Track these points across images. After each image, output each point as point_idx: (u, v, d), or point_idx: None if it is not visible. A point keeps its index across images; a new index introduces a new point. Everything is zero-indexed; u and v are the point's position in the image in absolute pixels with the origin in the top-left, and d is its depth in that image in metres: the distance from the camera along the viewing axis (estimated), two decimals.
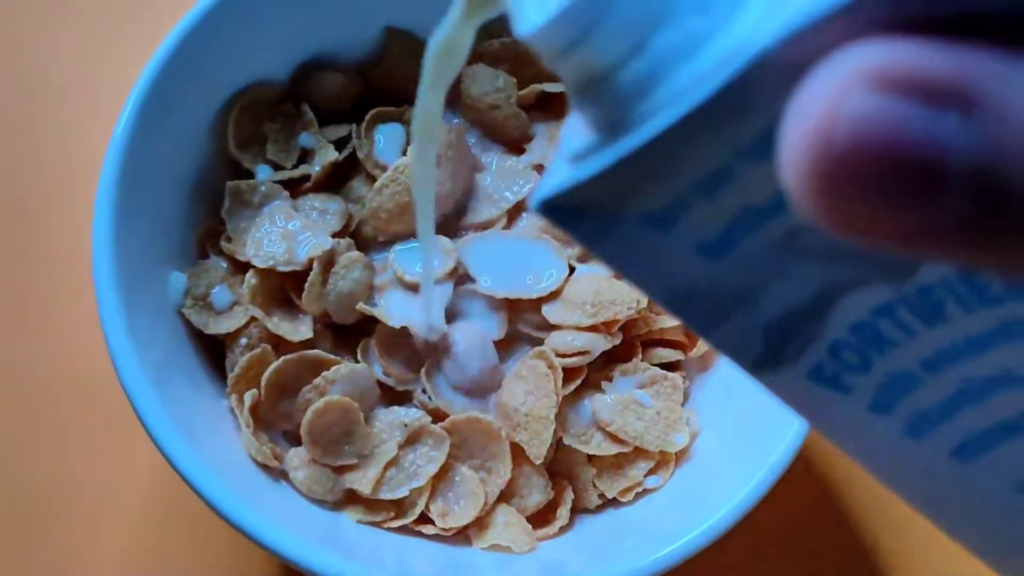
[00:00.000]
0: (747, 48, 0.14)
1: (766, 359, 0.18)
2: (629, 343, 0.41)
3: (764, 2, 0.14)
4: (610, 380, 0.40)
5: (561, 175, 0.17)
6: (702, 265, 0.17)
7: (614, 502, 0.39)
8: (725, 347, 0.19)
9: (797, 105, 0.13)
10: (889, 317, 0.17)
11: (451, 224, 0.42)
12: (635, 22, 0.16)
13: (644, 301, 0.40)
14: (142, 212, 0.37)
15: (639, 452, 0.39)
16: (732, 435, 0.39)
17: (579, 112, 0.17)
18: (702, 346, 0.41)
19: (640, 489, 0.39)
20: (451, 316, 0.40)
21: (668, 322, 0.41)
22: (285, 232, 0.39)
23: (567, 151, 0.17)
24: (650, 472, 0.39)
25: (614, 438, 0.39)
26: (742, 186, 0.16)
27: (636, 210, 0.17)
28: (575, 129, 0.17)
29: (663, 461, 0.39)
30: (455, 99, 0.43)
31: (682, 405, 0.40)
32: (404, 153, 0.41)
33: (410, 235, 0.41)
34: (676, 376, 0.41)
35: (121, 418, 0.43)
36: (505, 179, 0.42)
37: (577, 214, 0.17)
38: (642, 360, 0.41)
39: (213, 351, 0.40)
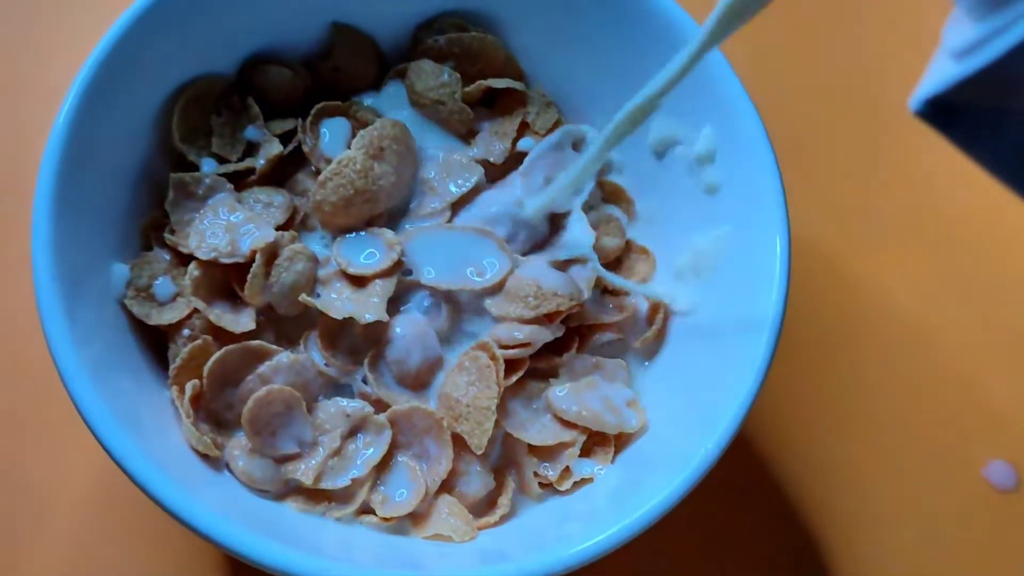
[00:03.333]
0: None
1: None
2: (568, 334, 0.41)
3: None
4: (554, 371, 0.41)
5: (947, 71, 0.16)
6: None
7: (556, 491, 0.40)
8: None
9: None
10: None
11: (395, 217, 0.42)
12: None
13: (586, 292, 0.41)
14: (84, 204, 0.37)
15: (583, 439, 0.40)
16: (673, 422, 0.40)
17: (964, 7, 0.16)
18: (641, 334, 0.42)
19: (579, 478, 0.39)
20: (393, 308, 0.40)
21: (609, 315, 0.42)
22: (228, 224, 0.39)
23: (950, 48, 0.16)
24: (588, 456, 0.40)
25: (566, 424, 0.39)
26: None
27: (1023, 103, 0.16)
28: (957, 26, 0.16)
29: (603, 448, 0.40)
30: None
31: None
32: (349, 147, 0.42)
33: (353, 228, 0.41)
34: (620, 360, 0.41)
35: (65, 410, 0.43)
36: (449, 172, 0.43)
37: (961, 113, 0.16)
38: (579, 350, 0.42)
39: (156, 343, 0.40)
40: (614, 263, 0.44)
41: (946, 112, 0.17)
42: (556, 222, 0.43)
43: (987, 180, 0.20)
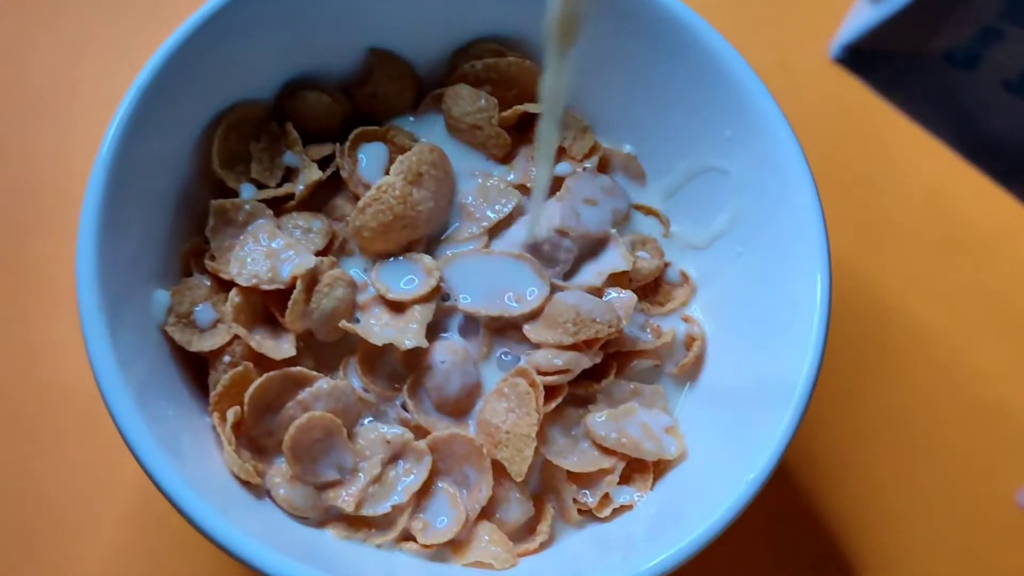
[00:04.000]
0: None
1: None
2: (606, 361, 0.41)
3: None
4: (592, 397, 0.41)
5: (865, 16, 0.16)
6: (1010, 105, 0.16)
7: (595, 518, 0.40)
8: None
9: None
10: None
11: (433, 242, 0.42)
12: None
13: (625, 319, 0.41)
14: (126, 230, 0.37)
15: (622, 466, 0.40)
16: (711, 449, 0.40)
17: None
18: (678, 360, 0.42)
19: (618, 505, 0.39)
20: (432, 334, 0.40)
21: (646, 341, 0.42)
22: (269, 251, 0.40)
23: None
24: (627, 483, 0.40)
25: (605, 451, 0.39)
26: None
27: (941, 46, 0.16)
28: None
29: (642, 475, 0.40)
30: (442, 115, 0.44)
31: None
32: (387, 172, 0.42)
33: (392, 253, 0.41)
34: (657, 386, 0.41)
35: (104, 435, 0.44)
36: (487, 198, 0.43)
37: (878, 58, 0.16)
38: (617, 376, 0.42)
39: (196, 369, 0.40)
40: (651, 287, 0.44)
41: (865, 58, 0.17)
42: (594, 248, 0.43)
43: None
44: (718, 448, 0.39)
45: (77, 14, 0.54)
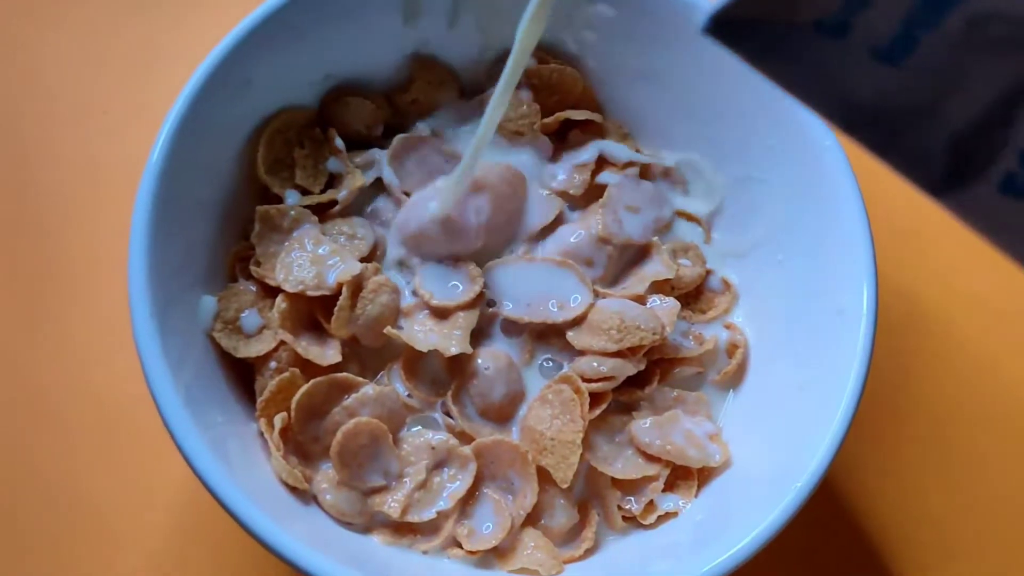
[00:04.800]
0: None
1: (951, 176, 0.17)
2: (649, 368, 0.41)
3: None
4: (636, 404, 0.41)
5: None
6: (880, 73, 0.16)
7: (639, 525, 0.40)
8: (905, 167, 0.17)
9: None
10: None
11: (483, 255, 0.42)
12: None
13: (668, 327, 0.41)
14: (175, 236, 0.37)
15: (667, 473, 0.40)
16: (756, 457, 0.40)
17: None
18: (721, 367, 0.42)
19: (663, 512, 0.39)
20: (476, 340, 0.40)
21: (689, 348, 0.42)
22: (314, 257, 0.40)
23: None
24: (671, 490, 0.40)
25: (649, 458, 0.39)
26: None
27: (809, 15, 0.16)
28: None
29: (686, 482, 0.40)
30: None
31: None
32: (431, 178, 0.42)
33: (436, 258, 0.41)
34: (700, 393, 0.41)
35: (146, 439, 0.44)
36: (528, 205, 0.43)
37: (746, 28, 0.16)
38: (660, 383, 0.42)
39: (240, 375, 0.40)
40: (693, 294, 0.44)
41: (734, 29, 0.16)
42: (636, 255, 0.43)
43: None
44: (763, 456, 0.39)
45: (108, 20, 0.54)
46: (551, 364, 0.41)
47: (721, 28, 0.16)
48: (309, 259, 0.40)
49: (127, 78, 0.52)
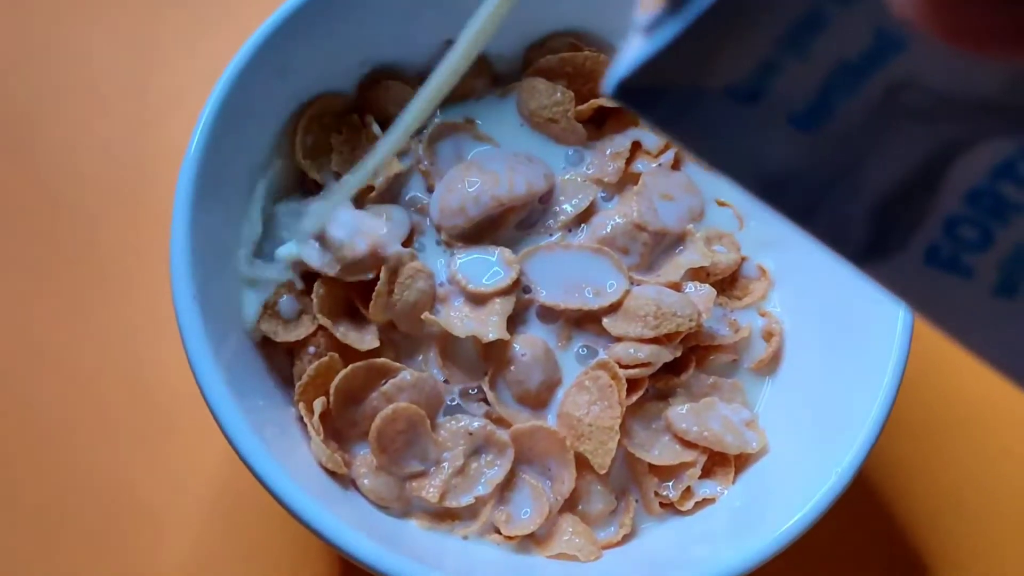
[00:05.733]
0: None
1: (873, 246, 0.17)
2: (685, 354, 0.41)
3: None
4: (672, 391, 0.41)
5: (635, 51, 0.16)
6: (797, 139, 0.16)
7: (677, 512, 0.40)
8: (826, 236, 0.17)
9: None
10: (1011, 176, 0.15)
11: (511, 234, 0.42)
12: None
13: (704, 313, 0.41)
14: (215, 224, 0.37)
15: (704, 460, 0.40)
16: (793, 444, 0.40)
17: None
18: (757, 354, 0.42)
19: (700, 498, 0.39)
20: (512, 326, 0.40)
21: (725, 335, 0.42)
22: (352, 243, 0.40)
23: (639, 25, 0.16)
24: (708, 476, 0.40)
25: (686, 444, 0.39)
26: (835, 34, 0.14)
27: (720, 81, 0.15)
28: (647, 3, 0.16)
29: (724, 469, 0.40)
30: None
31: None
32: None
33: (470, 238, 0.41)
34: (736, 380, 0.41)
35: (188, 429, 0.44)
36: (564, 192, 0.43)
37: (655, 95, 0.16)
38: (696, 370, 0.42)
39: (279, 360, 0.40)
40: (728, 281, 0.44)
41: (642, 94, 0.16)
42: (671, 243, 0.43)
43: None
44: (800, 443, 0.39)
45: (149, 7, 0.54)
46: (587, 351, 0.41)
47: (628, 94, 0.16)
48: (344, 242, 0.40)
49: (167, 64, 0.52)
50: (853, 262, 0.17)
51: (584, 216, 0.43)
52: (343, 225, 0.39)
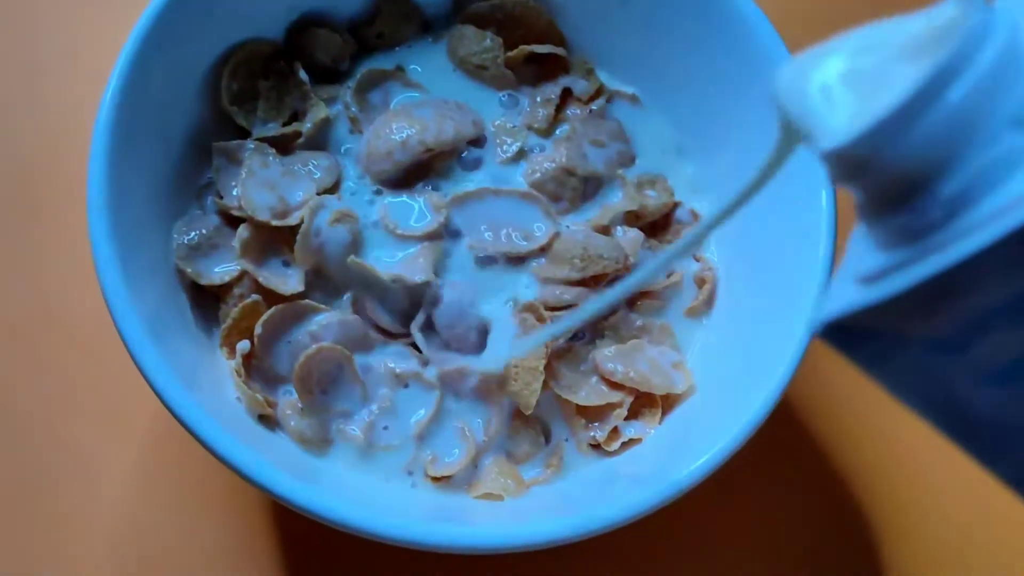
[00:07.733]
0: None
1: None
2: None
3: None
4: (600, 333, 0.41)
5: (849, 297, 0.16)
6: (991, 393, 0.16)
7: (604, 452, 0.40)
8: (1015, 481, 0.17)
9: None
10: None
11: (440, 180, 0.42)
12: (947, 137, 0.15)
13: (632, 257, 0.41)
14: (137, 170, 0.37)
15: (630, 401, 0.40)
16: (721, 384, 0.40)
17: (871, 230, 0.16)
18: (689, 298, 0.42)
19: (627, 439, 0.40)
20: (439, 269, 0.40)
21: (655, 281, 0.42)
22: (272, 184, 0.40)
23: (855, 271, 0.16)
24: (636, 417, 0.40)
25: (613, 385, 0.39)
26: None
27: (930, 334, 0.16)
28: (862, 247, 0.17)
29: (651, 410, 0.40)
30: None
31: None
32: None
33: (398, 183, 0.41)
34: (665, 323, 0.42)
35: (114, 372, 0.44)
36: (496, 138, 0.43)
37: (862, 337, 0.16)
38: (628, 311, 0.42)
39: (203, 303, 0.40)
40: (660, 224, 0.44)
41: (850, 336, 0.17)
42: (599, 188, 0.43)
43: None
44: (727, 383, 0.39)
45: None
46: (513, 293, 0.41)
47: (835, 334, 0.17)
48: (267, 186, 0.40)
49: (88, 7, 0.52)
50: None
51: (513, 161, 0.43)
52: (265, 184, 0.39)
